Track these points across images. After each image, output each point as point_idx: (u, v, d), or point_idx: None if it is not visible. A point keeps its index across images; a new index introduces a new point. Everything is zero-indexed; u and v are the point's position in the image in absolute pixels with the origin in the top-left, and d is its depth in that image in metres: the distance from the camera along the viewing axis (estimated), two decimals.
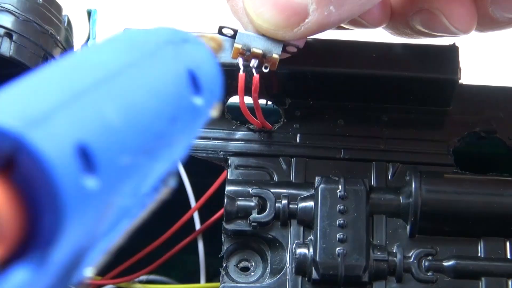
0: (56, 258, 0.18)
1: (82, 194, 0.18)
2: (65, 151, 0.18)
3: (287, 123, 0.44)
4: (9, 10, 0.42)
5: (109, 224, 0.21)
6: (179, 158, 0.24)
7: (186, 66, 0.24)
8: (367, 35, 0.44)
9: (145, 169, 0.21)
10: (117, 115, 0.20)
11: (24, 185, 0.17)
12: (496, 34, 0.43)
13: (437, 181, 0.41)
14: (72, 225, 0.18)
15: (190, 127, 0.24)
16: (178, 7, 0.78)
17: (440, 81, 0.42)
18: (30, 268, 0.17)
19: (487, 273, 0.40)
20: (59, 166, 0.17)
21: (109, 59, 0.22)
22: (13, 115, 0.17)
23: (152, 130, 0.21)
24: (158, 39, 0.24)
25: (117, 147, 0.19)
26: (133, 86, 0.21)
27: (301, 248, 0.40)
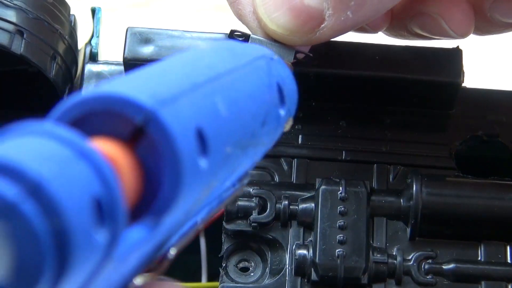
0: (166, 224, 0.20)
1: (196, 171, 0.20)
2: (188, 131, 0.20)
3: None
4: (21, 7, 0.42)
5: (198, 208, 0.23)
6: (257, 161, 0.27)
7: (276, 79, 0.27)
8: (370, 36, 0.44)
9: (236, 163, 0.24)
10: (225, 108, 0.22)
11: (147, 155, 0.19)
12: (500, 38, 0.43)
13: (439, 184, 0.41)
14: (185, 196, 0.20)
15: (273, 134, 0.27)
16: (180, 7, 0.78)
17: (443, 84, 0.42)
18: (146, 228, 0.19)
19: (487, 277, 0.40)
20: (182, 142, 0.19)
21: (217, 62, 0.24)
22: (147, 94, 0.19)
23: (249, 128, 0.24)
24: (253, 52, 0.27)
25: (224, 137, 0.22)
26: (237, 87, 0.24)
27: (301, 249, 0.40)
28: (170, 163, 0.19)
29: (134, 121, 0.19)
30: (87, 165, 0.17)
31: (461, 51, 0.43)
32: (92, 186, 0.17)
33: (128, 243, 0.19)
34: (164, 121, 0.19)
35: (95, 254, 0.17)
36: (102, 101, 0.19)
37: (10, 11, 0.41)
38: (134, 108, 0.19)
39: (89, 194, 0.17)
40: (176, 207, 0.20)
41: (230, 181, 0.25)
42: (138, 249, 0.20)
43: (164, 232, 0.21)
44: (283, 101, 0.27)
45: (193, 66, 0.23)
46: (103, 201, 0.17)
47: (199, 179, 0.20)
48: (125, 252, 0.19)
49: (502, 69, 0.71)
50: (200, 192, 0.21)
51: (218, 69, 0.24)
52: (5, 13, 0.41)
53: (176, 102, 0.20)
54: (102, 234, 0.17)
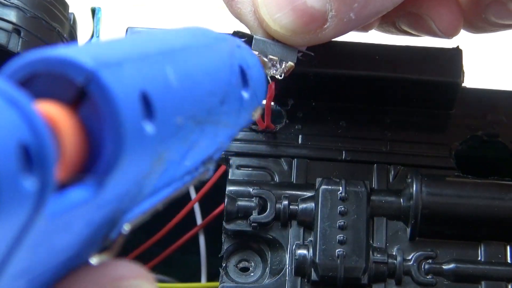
0: (110, 188, 0.20)
1: (140, 134, 0.20)
2: (130, 93, 0.20)
3: (289, 124, 0.44)
4: (18, 6, 0.42)
5: (153, 183, 0.23)
6: (222, 146, 0.27)
7: (238, 62, 0.27)
8: (370, 36, 0.44)
9: (192, 139, 0.24)
10: (176, 79, 0.23)
11: (89, 117, 0.20)
12: (500, 38, 0.43)
13: (439, 184, 0.41)
14: (128, 159, 0.20)
15: (235, 115, 0.27)
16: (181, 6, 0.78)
17: (443, 84, 0.42)
18: (87, 189, 0.19)
19: (487, 277, 0.39)
20: (124, 103, 0.20)
21: (175, 39, 0.25)
22: (90, 56, 0.20)
23: (203, 103, 0.24)
24: (217, 36, 0.28)
25: (173, 105, 0.22)
26: (193, 62, 0.24)
27: (301, 249, 0.40)
28: (111, 124, 0.19)
29: (76, 83, 0.19)
30: (17, 113, 0.17)
31: (461, 51, 0.43)
32: (20, 132, 0.17)
33: (68, 202, 0.19)
34: (105, 81, 0.19)
35: (24, 201, 0.17)
36: (45, 62, 0.19)
37: (7, 10, 0.41)
38: (75, 69, 0.19)
39: (15, 138, 0.17)
40: (120, 170, 0.20)
41: (191, 162, 0.25)
42: (81, 212, 0.20)
43: (111, 199, 0.21)
44: (247, 84, 0.27)
45: (147, 40, 0.24)
46: (31, 148, 0.17)
47: (144, 144, 0.21)
48: (67, 210, 0.19)
49: (502, 69, 0.71)
50: (149, 160, 0.21)
51: (173, 44, 0.24)
52: (2, 12, 0.41)
53: (120, 66, 0.20)
54: (30, 181, 0.17)
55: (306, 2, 0.35)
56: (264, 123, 0.42)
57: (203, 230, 0.46)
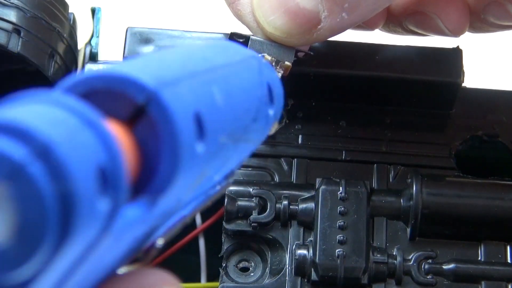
0: (161, 206, 0.20)
1: (193, 154, 0.21)
2: (187, 114, 0.20)
3: (289, 124, 0.44)
4: (18, 6, 0.42)
5: (189, 198, 0.23)
6: (243, 160, 0.28)
7: (266, 79, 0.28)
8: (370, 36, 0.44)
9: (227, 156, 0.24)
10: (221, 98, 0.23)
11: (146, 136, 0.20)
12: (499, 38, 0.43)
13: (439, 184, 0.41)
14: (181, 179, 0.20)
15: (261, 132, 0.28)
16: (181, 7, 0.78)
17: (443, 84, 0.42)
18: (142, 207, 0.20)
19: (487, 277, 0.39)
20: (181, 124, 0.20)
21: (213, 56, 0.25)
22: (150, 75, 0.20)
23: (241, 121, 0.25)
24: (245, 52, 0.28)
25: (219, 125, 0.23)
26: (232, 80, 0.25)
27: (301, 249, 0.40)
28: (169, 144, 0.20)
29: (135, 101, 0.20)
30: (93, 134, 0.18)
31: (461, 51, 0.43)
32: (98, 154, 0.17)
33: (125, 220, 0.19)
34: (165, 102, 0.19)
35: (97, 223, 0.17)
36: (106, 79, 0.19)
37: (7, 10, 0.41)
38: (137, 88, 0.19)
39: (94, 161, 0.17)
40: (172, 189, 0.20)
41: (219, 176, 0.26)
42: (134, 228, 0.20)
43: (158, 217, 0.21)
44: (273, 101, 0.28)
45: (190, 56, 0.24)
46: (107, 170, 0.17)
47: (195, 164, 0.21)
48: (122, 229, 0.19)
49: (502, 69, 0.71)
50: (194, 179, 0.22)
51: (213, 62, 0.24)
52: (2, 12, 0.41)
53: (177, 86, 0.21)
54: (104, 203, 0.17)
55: (298, 4, 0.36)
56: None
57: (202, 232, 0.46)
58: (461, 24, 0.41)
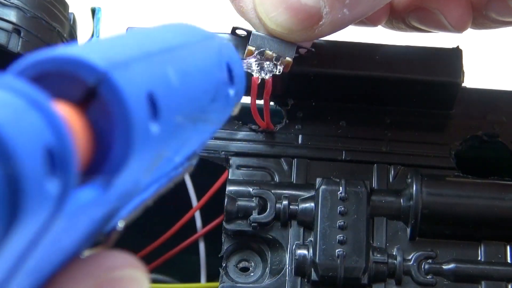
0: (115, 188, 0.20)
1: (147, 134, 0.20)
2: (139, 94, 0.20)
3: (289, 124, 0.44)
4: (18, 6, 0.42)
5: (147, 180, 0.23)
6: (205, 140, 0.28)
7: (225, 59, 0.27)
8: (370, 36, 0.44)
9: (185, 136, 0.24)
10: (176, 78, 0.23)
11: (98, 118, 0.20)
12: (499, 38, 0.43)
13: (439, 184, 0.41)
14: (135, 159, 0.20)
15: (221, 112, 0.27)
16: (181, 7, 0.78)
17: (443, 84, 0.42)
18: (97, 188, 0.19)
19: (487, 277, 0.39)
20: (134, 104, 0.20)
21: (170, 37, 0.25)
22: (100, 57, 0.20)
23: (199, 101, 0.25)
24: (204, 33, 0.28)
25: (174, 105, 0.22)
26: (188, 60, 0.25)
27: (301, 249, 0.40)
28: (121, 125, 0.20)
29: (86, 83, 0.19)
30: (40, 115, 0.17)
31: (461, 51, 0.43)
32: (45, 135, 0.17)
33: (79, 203, 0.19)
34: (116, 83, 0.19)
35: (46, 205, 0.17)
36: (56, 61, 0.19)
37: (7, 10, 0.41)
38: (87, 69, 0.19)
39: (41, 142, 0.17)
40: (127, 170, 0.20)
41: (180, 157, 0.26)
42: (88, 211, 0.20)
43: (114, 198, 0.21)
44: (232, 81, 0.28)
45: (146, 38, 0.24)
46: (55, 151, 0.17)
47: (149, 144, 0.21)
48: (76, 211, 0.19)
49: (502, 69, 0.71)
50: (150, 160, 0.21)
51: (170, 43, 0.24)
52: (2, 12, 0.41)
53: (129, 66, 0.20)
54: (53, 184, 0.17)
55: (300, 0, 0.36)
56: (263, 122, 0.42)
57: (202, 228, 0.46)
58: (464, 20, 0.41)
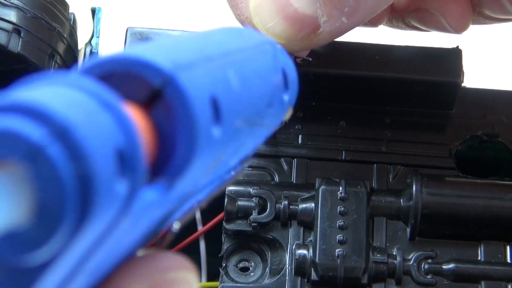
0: (178, 189, 0.20)
1: (209, 138, 0.21)
2: (203, 97, 0.20)
3: (288, 124, 0.44)
4: (18, 6, 0.42)
5: (204, 182, 0.23)
6: (258, 144, 0.28)
7: (281, 64, 0.28)
8: (369, 36, 0.44)
9: (242, 140, 0.24)
10: (237, 82, 0.23)
11: (162, 119, 0.20)
12: (499, 38, 0.43)
13: (438, 184, 0.41)
14: (197, 162, 0.20)
15: (276, 117, 0.27)
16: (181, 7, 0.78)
17: (443, 84, 0.42)
18: (160, 190, 0.20)
19: (487, 277, 0.39)
20: (198, 107, 0.20)
21: (228, 40, 0.25)
22: (166, 58, 0.20)
23: (256, 106, 0.25)
24: (260, 37, 0.28)
25: (235, 109, 0.22)
26: (247, 64, 0.25)
27: (301, 249, 0.40)
28: (185, 127, 0.20)
29: (152, 84, 0.20)
30: (111, 116, 0.18)
31: (461, 51, 0.43)
32: (116, 136, 0.17)
33: (143, 203, 0.19)
34: (182, 85, 0.20)
35: (115, 205, 0.17)
36: (124, 62, 0.19)
37: (7, 10, 0.41)
38: (153, 71, 0.19)
39: (112, 143, 0.17)
40: (189, 172, 0.20)
41: (235, 160, 0.26)
42: (150, 211, 0.20)
43: (174, 199, 0.21)
44: (287, 86, 0.28)
45: (206, 41, 0.24)
46: (125, 153, 0.18)
47: (211, 148, 0.21)
48: (140, 212, 0.19)
49: (502, 69, 0.71)
50: (210, 163, 0.22)
51: (229, 46, 0.24)
52: (2, 12, 0.41)
53: (193, 69, 0.21)
54: (122, 185, 0.17)
55: (297, 10, 0.35)
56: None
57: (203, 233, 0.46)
58: (463, 21, 0.41)
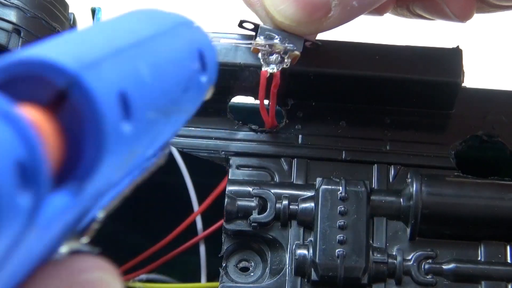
0: (88, 190, 0.20)
1: (119, 136, 0.20)
2: (111, 95, 0.20)
3: (289, 124, 0.44)
4: (18, 6, 0.42)
5: (121, 175, 0.23)
6: (177, 130, 0.27)
7: (197, 46, 0.26)
8: (369, 36, 0.44)
9: (158, 129, 0.24)
10: (148, 73, 0.22)
11: (70, 121, 0.19)
12: (499, 38, 0.43)
13: (438, 184, 0.41)
14: (108, 162, 0.20)
15: (194, 101, 0.27)
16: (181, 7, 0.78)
17: (443, 84, 0.42)
18: (69, 194, 0.19)
19: (487, 277, 0.39)
20: (105, 106, 0.19)
21: (139, 28, 0.24)
22: (70, 57, 0.19)
23: (171, 94, 0.24)
24: (174, 19, 0.27)
25: (147, 102, 0.22)
26: (159, 52, 0.24)
27: (301, 249, 0.40)
28: (92, 128, 0.19)
29: (56, 86, 0.19)
30: (11, 128, 0.17)
31: (461, 51, 0.43)
32: (16, 149, 0.17)
33: (51, 210, 0.18)
34: (87, 85, 0.19)
35: (19, 219, 0.17)
36: (24, 65, 0.19)
37: (7, 10, 0.41)
38: (57, 71, 0.19)
39: (12, 157, 0.17)
40: (99, 173, 0.19)
41: (153, 149, 0.25)
42: (61, 216, 0.19)
43: (88, 199, 0.20)
44: (205, 68, 0.27)
45: (115, 31, 0.23)
46: (27, 165, 0.17)
47: (122, 145, 0.20)
48: (48, 219, 0.18)
49: (502, 69, 0.71)
50: (124, 159, 0.21)
51: (140, 35, 0.24)
52: (2, 12, 0.41)
53: (99, 66, 0.20)
54: (25, 198, 0.17)
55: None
56: (269, 117, 0.42)
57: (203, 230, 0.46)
58: (467, 10, 0.41)
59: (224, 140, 0.43)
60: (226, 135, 0.44)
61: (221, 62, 0.41)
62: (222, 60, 0.41)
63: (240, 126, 0.44)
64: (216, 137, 0.43)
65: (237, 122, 0.44)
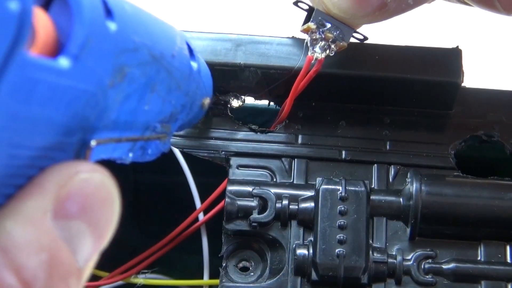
0: (83, 65, 0.23)
1: (103, 27, 0.23)
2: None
3: (289, 124, 0.44)
4: None
5: (116, 106, 0.25)
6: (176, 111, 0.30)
7: (185, 39, 0.31)
8: (369, 35, 0.44)
9: (149, 74, 0.27)
10: (130, 9, 0.25)
11: (58, 16, 0.23)
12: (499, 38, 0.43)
13: (438, 184, 0.41)
14: (94, 43, 0.23)
15: (186, 80, 0.30)
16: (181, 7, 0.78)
17: (442, 84, 0.42)
18: (68, 58, 0.22)
19: (487, 277, 0.40)
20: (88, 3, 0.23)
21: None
22: None
23: (157, 43, 0.27)
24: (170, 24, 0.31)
25: (129, 23, 0.25)
26: (145, 13, 0.27)
27: (301, 249, 0.40)
28: (78, 15, 0.22)
29: None
30: None
31: (461, 51, 0.43)
32: None
33: (58, 69, 0.21)
34: None
35: (9, 22, 0.19)
36: None
37: None
38: None
39: None
40: (89, 51, 0.23)
41: (150, 107, 0.28)
42: (62, 81, 0.22)
43: (85, 77, 0.23)
44: (193, 55, 0.30)
45: None
46: None
47: (107, 37, 0.23)
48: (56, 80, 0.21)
49: (502, 69, 0.71)
50: (111, 64, 0.24)
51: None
52: None
53: None
54: (14, 3, 0.19)
55: None
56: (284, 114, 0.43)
57: (205, 229, 0.46)
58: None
59: (224, 140, 0.43)
60: (226, 135, 0.44)
61: (221, 62, 0.42)
62: (222, 60, 0.41)
63: (240, 126, 0.44)
64: (216, 137, 0.43)
65: (237, 122, 0.44)
